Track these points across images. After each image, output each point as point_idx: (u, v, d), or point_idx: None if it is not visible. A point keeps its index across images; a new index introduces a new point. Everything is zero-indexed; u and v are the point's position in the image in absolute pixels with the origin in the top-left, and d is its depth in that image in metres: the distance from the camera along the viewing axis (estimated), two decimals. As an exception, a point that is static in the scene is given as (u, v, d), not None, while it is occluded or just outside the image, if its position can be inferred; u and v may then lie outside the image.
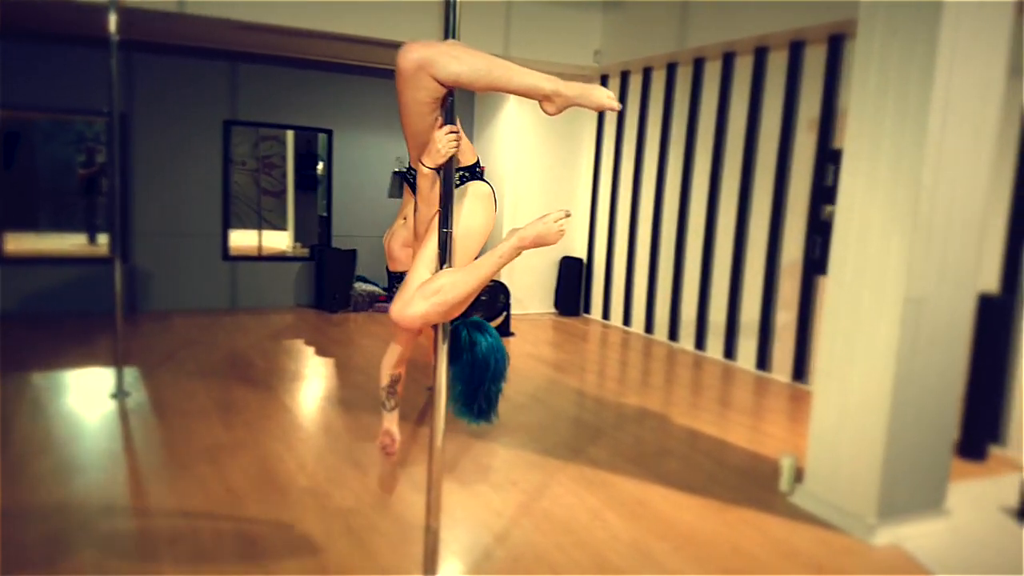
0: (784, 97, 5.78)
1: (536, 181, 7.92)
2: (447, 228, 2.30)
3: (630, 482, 3.69)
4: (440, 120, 2.29)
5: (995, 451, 4.27)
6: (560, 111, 2.21)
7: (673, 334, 6.87)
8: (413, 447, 4.06)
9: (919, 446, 3.26)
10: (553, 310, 8.18)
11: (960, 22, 2.99)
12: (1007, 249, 4.33)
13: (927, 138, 3.01)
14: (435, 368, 2.40)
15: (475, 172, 2.46)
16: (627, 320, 7.48)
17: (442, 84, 2.15)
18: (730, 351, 6.28)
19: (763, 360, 5.97)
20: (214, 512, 3.17)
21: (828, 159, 3.53)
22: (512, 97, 7.61)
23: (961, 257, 3.21)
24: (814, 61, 5.55)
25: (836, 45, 5.36)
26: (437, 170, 2.31)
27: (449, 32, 2.86)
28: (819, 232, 3.54)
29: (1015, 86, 3.99)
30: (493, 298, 6.89)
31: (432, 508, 2.43)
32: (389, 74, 8.20)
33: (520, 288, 7.90)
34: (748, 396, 5.42)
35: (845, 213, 3.36)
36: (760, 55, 5.99)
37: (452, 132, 2.27)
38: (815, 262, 3.56)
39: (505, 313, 6.87)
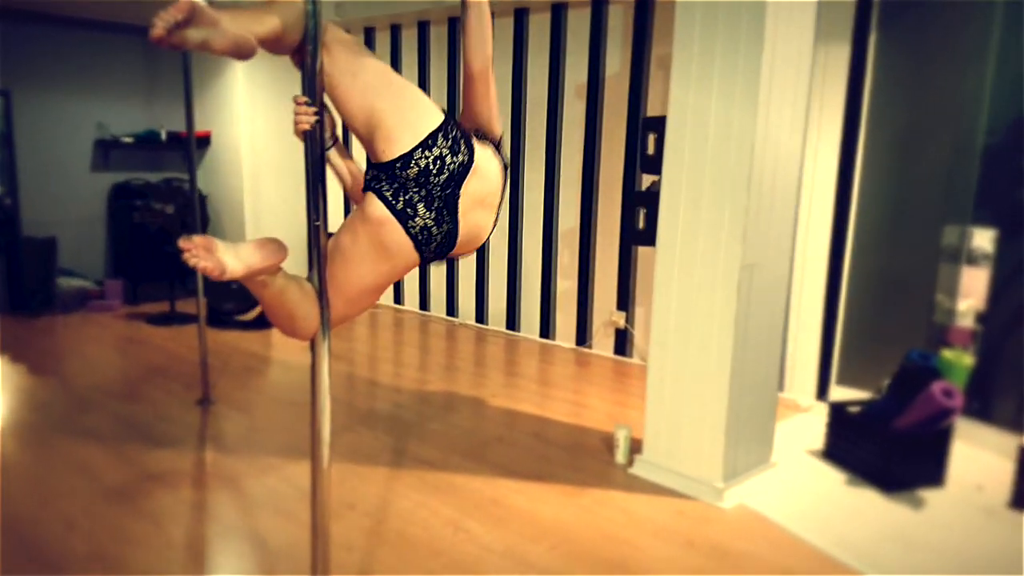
0: (549, 62, 5.72)
1: (273, 152, 7.14)
2: (317, 220, 1.80)
3: (475, 480, 3.39)
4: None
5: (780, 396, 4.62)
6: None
7: (451, 310, 6.63)
8: (210, 480, 3.38)
9: (754, 406, 3.36)
10: (308, 292, 7.49)
11: None
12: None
13: (758, 106, 3.03)
14: (313, 373, 1.90)
15: (392, 173, 1.81)
16: (398, 298, 7.09)
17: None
18: (512, 322, 6.19)
19: (546, 329, 5.97)
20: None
21: (648, 127, 3.48)
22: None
23: (783, 222, 3.32)
24: (578, 25, 5.54)
25: (599, 9, 5.37)
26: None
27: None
28: (642, 203, 3.49)
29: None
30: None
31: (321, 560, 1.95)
32: (88, 25, 6.90)
33: (269, 270, 7.06)
34: (541, 366, 5.36)
35: (672, 183, 3.31)
36: (520, 16, 5.86)
37: (300, 104, 1.75)
38: (639, 233, 3.51)
39: (264, 301, 6.10)
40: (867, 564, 2.76)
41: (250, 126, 6.84)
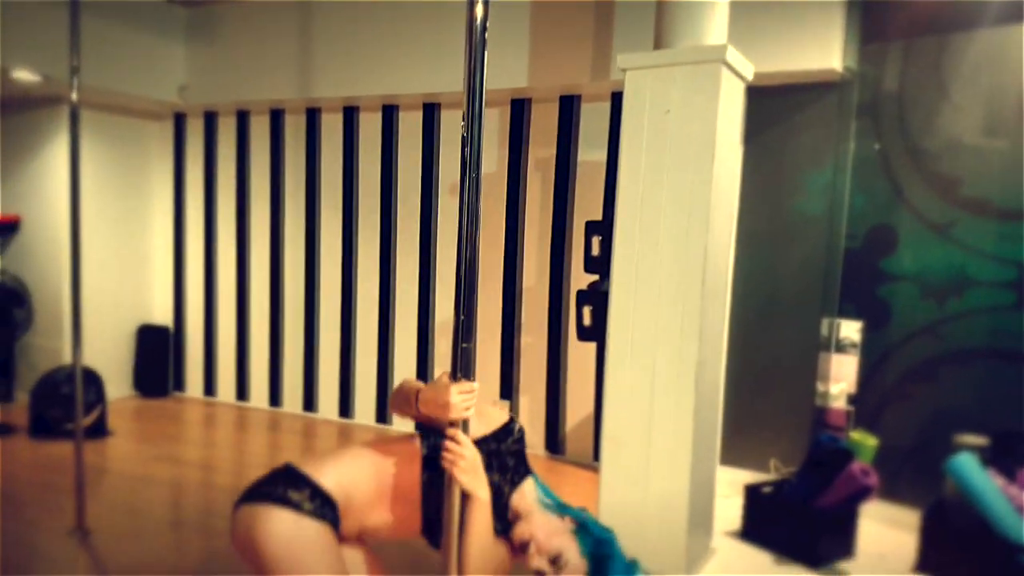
0: (422, 159, 5.75)
1: (98, 235, 6.35)
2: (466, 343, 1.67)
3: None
4: None
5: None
6: None
7: (309, 403, 6.21)
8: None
9: (703, 496, 3.52)
10: (132, 391, 6.66)
11: (725, 93, 3.31)
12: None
13: (711, 212, 3.28)
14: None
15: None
16: (242, 394, 6.51)
17: None
18: (383, 415, 5.94)
19: (423, 423, 5.81)
20: None
21: (591, 230, 3.63)
22: (66, 126, 6.01)
23: (720, 320, 3.58)
24: (453, 124, 5.65)
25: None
26: None
27: None
28: (588, 301, 3.59)
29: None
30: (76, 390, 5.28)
31: None
32: None
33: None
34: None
35: (623, 285, 3.45)
36: (389, 112, 5.85)
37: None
38: (587, 330, 3.60)
39: (100, 407, 5.34)
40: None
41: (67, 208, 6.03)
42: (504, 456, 1.87)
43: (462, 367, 1.66)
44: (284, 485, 1.68)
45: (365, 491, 1.80)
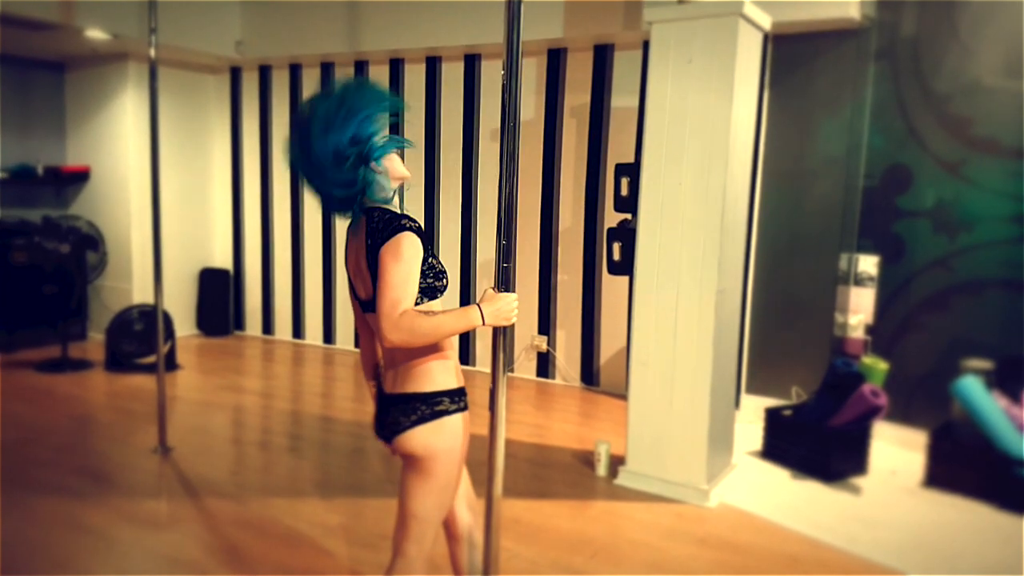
0: (463, 107, 6.03)
1: (163, 184, 6.78)
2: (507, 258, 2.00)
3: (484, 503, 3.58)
4: None
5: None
6: None
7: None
8: (231, 528, 3.30)
9: (722, 414, 3.85)
10: (196, 331, 7.18)
11: (743, 43, 3.55)
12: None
13: (729, 153, 3.54)
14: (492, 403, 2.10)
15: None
16: (298, 332, 6.98)
17: None
18: (428, 352, 6.36)
19: (465, 355, 6.22)
20: None
21: (620, 172, 3.92)
22: (131, 81, 6.42)
23: (739, 253, 3.86)
24: (491, 72, 5.92)
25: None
26: None
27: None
28: (617, 238, 3.90)
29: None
30: (151, 327, 5.80)
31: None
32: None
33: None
34: (471, 391, 5.58)
35: (650, 222, 3.75)
36: (433, 63, 6.13)
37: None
38: (616, 264, 3.91)
39: (171, 342, 5.84)
40: (847, 542, 3.31)
41: (138, 159, 6.48)
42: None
43: (503, 283, 2.00)
44: (428, 404, 2.11)
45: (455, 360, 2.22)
